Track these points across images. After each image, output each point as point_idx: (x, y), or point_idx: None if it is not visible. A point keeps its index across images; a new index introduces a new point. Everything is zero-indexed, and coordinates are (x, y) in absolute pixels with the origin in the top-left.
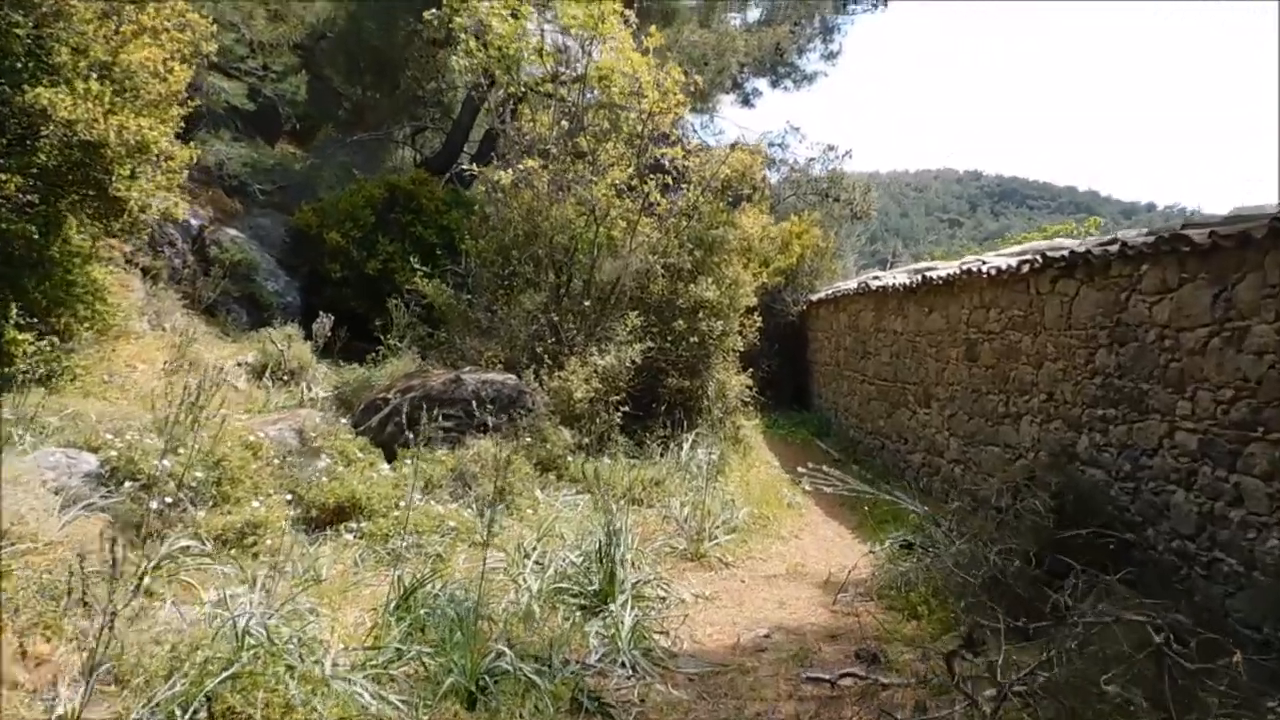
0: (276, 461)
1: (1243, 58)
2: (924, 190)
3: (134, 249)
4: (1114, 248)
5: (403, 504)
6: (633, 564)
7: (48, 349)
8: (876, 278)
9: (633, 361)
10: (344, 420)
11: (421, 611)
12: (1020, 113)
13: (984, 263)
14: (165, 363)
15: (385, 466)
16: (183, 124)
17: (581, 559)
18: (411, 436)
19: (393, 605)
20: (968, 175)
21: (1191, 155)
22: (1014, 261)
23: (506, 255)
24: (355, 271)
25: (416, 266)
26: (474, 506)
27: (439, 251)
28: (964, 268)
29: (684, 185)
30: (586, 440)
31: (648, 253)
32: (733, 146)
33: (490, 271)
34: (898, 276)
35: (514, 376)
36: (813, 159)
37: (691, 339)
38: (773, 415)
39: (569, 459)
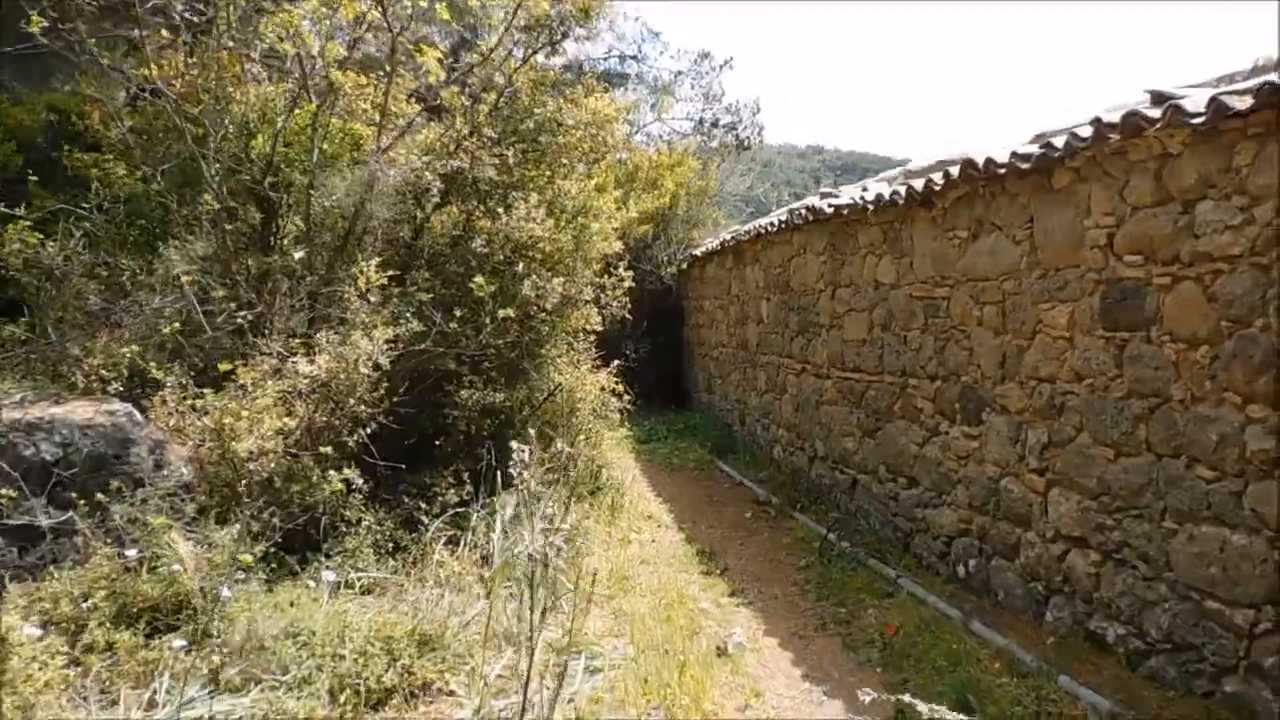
0: None
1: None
2: (769, 165)
3: None
4: None
5: None
6: None
7: None
8: (829, 194)
9: (376, 366)
10: None
11: None
12: (859, 89)
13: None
14: None
15: None
16: None
17: None
18: None
19: None
20: (810, 149)
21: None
22: None
23: (149, 176)
24: None
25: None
26: None
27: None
28: (1132, 113)
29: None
30: (271, 542)
31: (416, 156)
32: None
33: (125, 209)
34: (870, 188)
35: (122, 408)
36: (680, 73)
37: (500, 313)
38: (644, 422)
39: (222, 590)
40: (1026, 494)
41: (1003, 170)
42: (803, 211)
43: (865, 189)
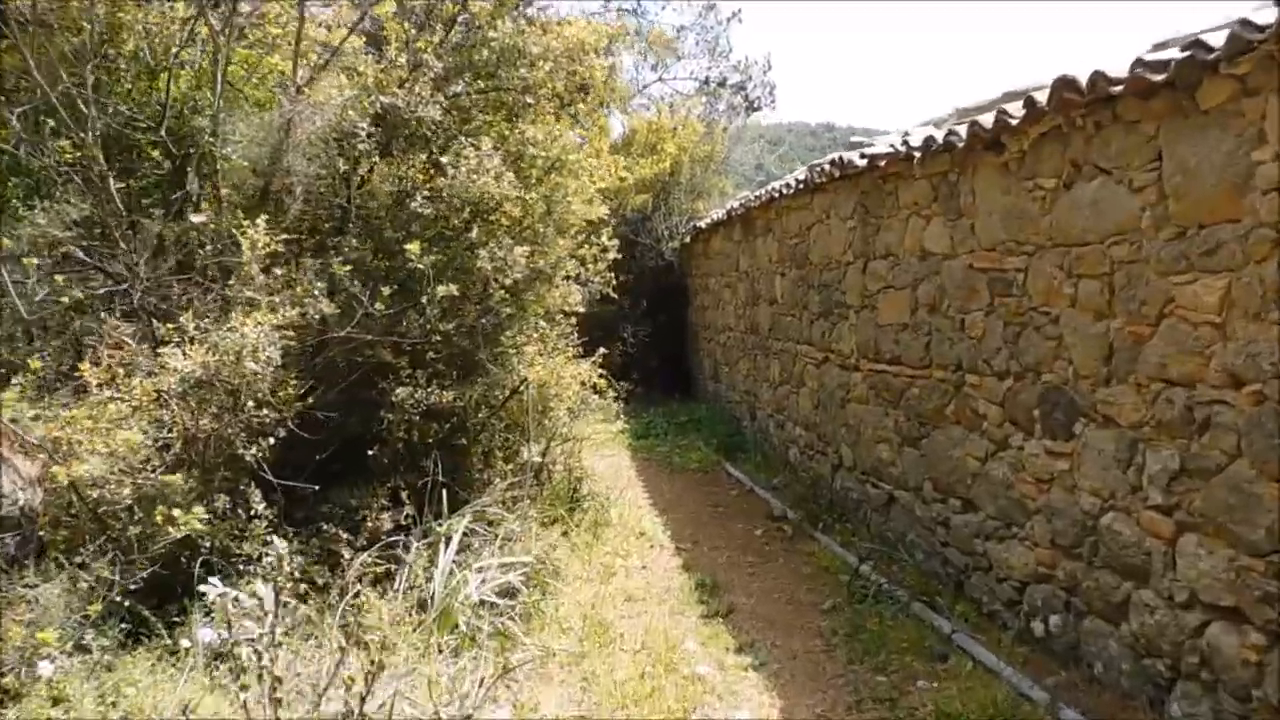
0: None
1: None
2: (778, 143)
3: None
4: None
5: None
6: None
7: None
8: (860, 143)
9: (267, 360)
10: None
11: None
12: (872, 66)
13: None
14: None
15: None
16: None
17: None
18: None
19: None
20: (820, 127)
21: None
22: None
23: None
24: None
25: None
26: None
27: None
28: None
29: None
30: (118, 593)
31: (340, 93)
32: None
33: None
34: (913, 133)
35: None
36: (683, 27)
37: (440, 290)
38: (643, 414)
39: (41, 666)
40: (1142, 537)
41: (1117, 89)
42: (826, 167)
43: (908, 134)
